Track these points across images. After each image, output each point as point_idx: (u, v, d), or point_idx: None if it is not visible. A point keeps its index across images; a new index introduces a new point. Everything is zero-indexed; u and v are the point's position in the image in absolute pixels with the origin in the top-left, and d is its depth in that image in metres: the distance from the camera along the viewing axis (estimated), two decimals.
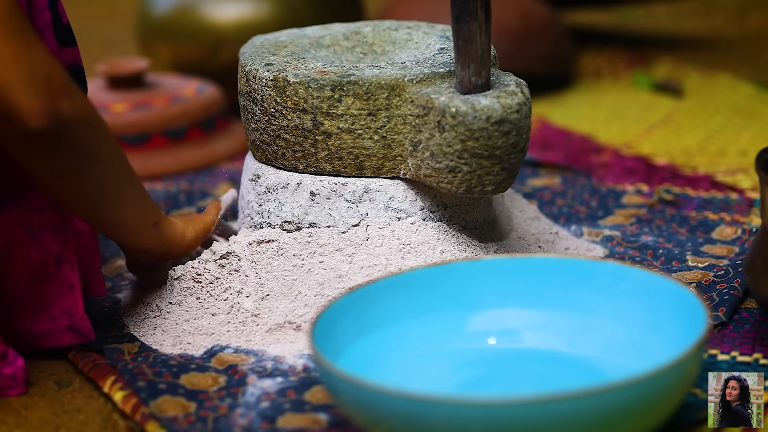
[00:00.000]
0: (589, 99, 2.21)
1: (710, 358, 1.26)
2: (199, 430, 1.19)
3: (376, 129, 1.38)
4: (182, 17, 2.12)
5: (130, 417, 1.23)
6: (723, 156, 1.86)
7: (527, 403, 1.01)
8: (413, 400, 1.03)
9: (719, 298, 1.36)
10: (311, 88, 1.38)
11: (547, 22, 2.24)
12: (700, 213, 1.64)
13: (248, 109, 1.45)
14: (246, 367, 1.29)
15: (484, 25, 1.31)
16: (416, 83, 1.36)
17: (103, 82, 2.00)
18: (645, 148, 1.92)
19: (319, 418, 1.20)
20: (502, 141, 1.32)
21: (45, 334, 1.32)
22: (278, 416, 1.21)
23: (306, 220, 1.41)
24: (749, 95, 2.15)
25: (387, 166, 1.40)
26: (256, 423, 1.20)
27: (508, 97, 1.32)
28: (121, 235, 1.33)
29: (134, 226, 1.32)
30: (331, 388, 1.10)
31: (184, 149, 1.95)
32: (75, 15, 1.54)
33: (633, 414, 1.04)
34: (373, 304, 1.23)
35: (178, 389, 1.25)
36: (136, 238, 1.34)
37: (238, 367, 1.29)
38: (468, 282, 1.26)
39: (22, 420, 1.25)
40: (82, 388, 1.30)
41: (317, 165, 1.41)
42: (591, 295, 1.24)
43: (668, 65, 2.34)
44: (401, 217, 1.40)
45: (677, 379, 1.06)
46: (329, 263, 1.38)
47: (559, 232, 1.53)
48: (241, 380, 1.27)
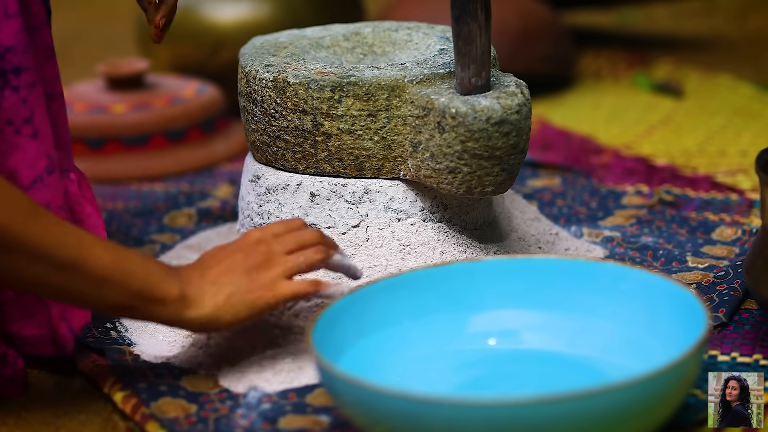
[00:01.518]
0: (589, 100, 2.21)
1: (710, 358, 1.26)
2: (200, 430, 1.19)
3: (376, 130, 1.38)
4: (182, 18, 2.12)
5: (130, 417, 1.23)
6: (723, 157, 1.86)
7: (527, 404, 1.01)
8: (413, 401, 1.03)
9: (719, 299, 1.36)
10: (311, 89, 1.38)
11: (547, 23, 2.24)
12: (700, 214, 1.64)
13: (248, 110, 1.45)
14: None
15: (484, 26, 1.31)
16: (416, 84, 1.36)
17: (103, 82, 2.00)
18: (645, 149, 1.92)
19: (321, 420, 1.20)
20: (502, 142, 1.32)
21: (32, 341, 1.31)
22: (279, 417, 1.20)
23: (306, 221, 1.41)
24: (749, 96, 2.15)
25: (387, 167, 1.40)
26: (258, 424, 1.19)
27: (508, 97, 1.32)
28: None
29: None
30: (331, 389, 1.10)
31: (184, 150, 1.95)
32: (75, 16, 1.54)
33: (633, 415, 1.04)
34: (373, 304, 1.23)
35: (179, 391, 1.25)
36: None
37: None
38: (468, 283, 1.26)
39: (22, 421, 1.25)
40: (81, 389, 1.30)
41: (317, 166, 1.41)
42: (591, 296, 1.24)
43: (668, 66, 2.34)
44: (401, 218, 1.40)
45: (677, 380, 1.06)
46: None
47: (559, 233, 1.53)
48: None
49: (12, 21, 1.22)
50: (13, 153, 1.23)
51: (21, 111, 1.23)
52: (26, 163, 1.24)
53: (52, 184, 1.26)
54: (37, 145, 1.25)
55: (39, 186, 1.25)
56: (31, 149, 1.24)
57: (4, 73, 1.22)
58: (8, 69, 1.22)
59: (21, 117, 1.23)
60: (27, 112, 1.24)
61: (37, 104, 1.24)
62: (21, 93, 1.23)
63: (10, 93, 1.22)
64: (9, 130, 1.23)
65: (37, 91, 1.24)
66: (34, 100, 1.24)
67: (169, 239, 1.65)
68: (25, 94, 1.23)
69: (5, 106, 1.22)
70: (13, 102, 1.23)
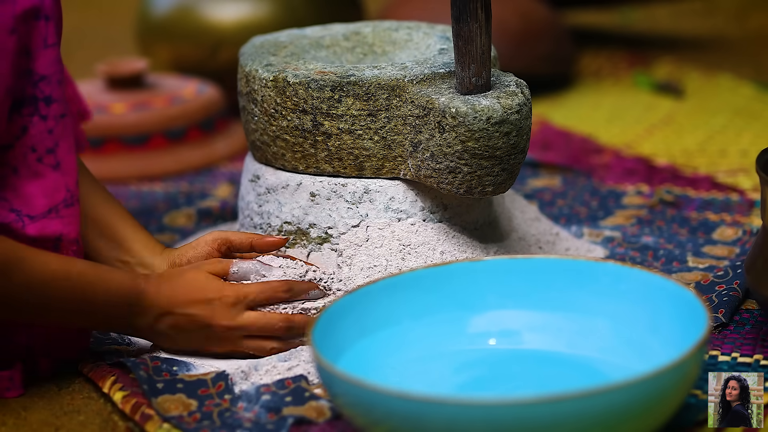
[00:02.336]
0: (589, 99, 2.21)
1: (711, 359, 1.26)
2: (207, 427, 1.19)
3: (376, 130, 1.38)
4: (182, 18, 2.12)
5: (129, 417, 1.23)
6: (724, 157, 1.86)
7: (527, 404, 1.01)
8: (413, 401, 1.03)
9: (718, 300, 1.36)
10: (311, 88, 1.38)
11: (547, 23, 2.24)
12: (700, 214, 1.64)
13: (248, 110, 1.44)
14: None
15: (484, 26, 1.31)
16: (416, 84, 1.36)
17: (103, 82, 2.00)
18: (645, 149, 1.92)
19: (323, 407, 1.21)
20: (502, 142, 1.32)
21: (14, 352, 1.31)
22: (282, 407, 1.21)
23: (306, 221, 1.41)
24: (750, 96, 2.15)
25: (387, 167, 1.39)
26: (263, 415, 1.20)
27: (508, 97, 1.32)
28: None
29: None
30: (332, 389, 1.10)
31: (183, 150, 1.95)
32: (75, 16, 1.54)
33: (633, 415, 1.04)
34: (373, 305, 1.23)
35: (177, 384, 1.25)
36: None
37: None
38: (468, 283, 1.26)
39: (21, 421, 1.24)
40: (81, 389, 1.30)
41: (317, 166, 1.40)
42: (591, 296, 1.24)
43: (669, 66, 2.34)
44: (401, 218, 1.40)
45: (677, 381, 1.06)
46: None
47: (559, 233, 1.53)
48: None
49: (50, 51, 1.24)
50: (33, 180, 1.24)
51: (45, 140, 1.25)
52: (44, 191, 1.25)
53: (67, 216, 1.27)
54: (57, 176, 1.26)
55: (53, 216, 1.26)
56: (51, 179, 1.25)
57: (35, 101, 1.23)
58: (40, 97, 1.24)
59: (44, 146, 1.25)
60: (51, 142, 1.25)
61: (63, 136, 1.26)
62: (48, 123, 1.24)
63: (38, 121, 1.24)
64: (32, 156, 1.24)
65: (64, 123, 1.26)
66: (60, 132, 1.25)
67: (168, 239, 1.65)
68: (52, 124, 1.25)
69: (32, 132, 1.24)
70: (39, 130, 1.24)
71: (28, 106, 1.23)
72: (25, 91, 1.23)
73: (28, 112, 1.23)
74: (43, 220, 1.25)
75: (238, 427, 1.19)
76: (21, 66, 1.22)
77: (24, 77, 1.23)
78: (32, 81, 1.23)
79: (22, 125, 1.23)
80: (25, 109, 1.23)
